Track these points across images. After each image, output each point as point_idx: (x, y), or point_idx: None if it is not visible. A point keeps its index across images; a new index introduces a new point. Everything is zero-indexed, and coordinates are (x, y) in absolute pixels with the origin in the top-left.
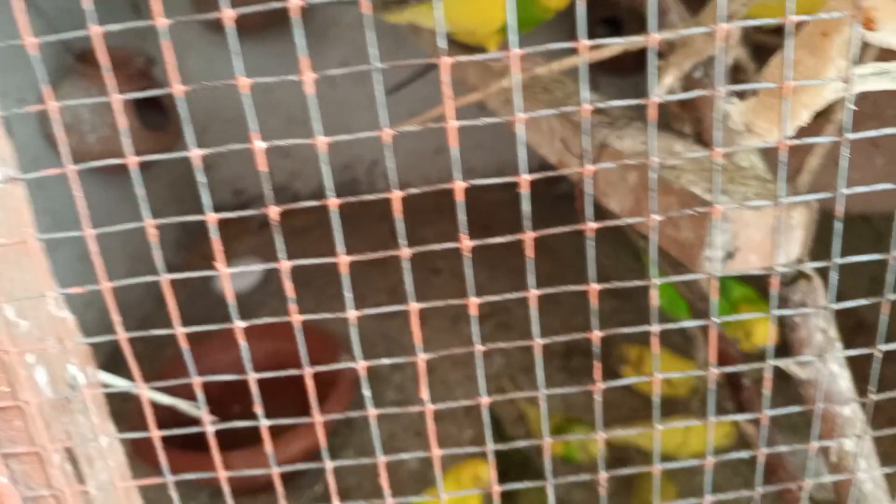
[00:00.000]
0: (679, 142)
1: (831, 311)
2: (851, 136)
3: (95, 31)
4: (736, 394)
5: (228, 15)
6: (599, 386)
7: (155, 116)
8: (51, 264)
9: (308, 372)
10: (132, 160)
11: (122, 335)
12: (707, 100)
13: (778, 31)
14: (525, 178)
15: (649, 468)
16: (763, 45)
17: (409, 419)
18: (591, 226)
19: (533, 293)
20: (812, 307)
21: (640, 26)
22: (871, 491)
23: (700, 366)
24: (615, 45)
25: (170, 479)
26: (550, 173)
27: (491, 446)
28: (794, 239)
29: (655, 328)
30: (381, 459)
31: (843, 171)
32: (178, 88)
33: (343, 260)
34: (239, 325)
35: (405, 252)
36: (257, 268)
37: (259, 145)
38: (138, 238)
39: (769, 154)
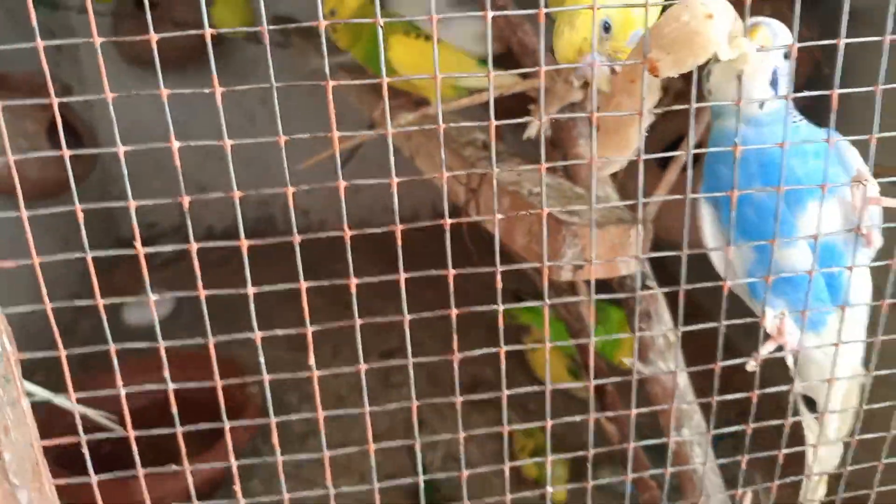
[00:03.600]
0: (548, 175)
1: (671, 316)
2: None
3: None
4: (601, 398)
5: (153, 38)
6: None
7: (68, 143)
8: None
9: (219, 383)
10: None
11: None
12: (569, 140)
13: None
14: (395, 181)
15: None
16: None
17: (316, 448)
18: (448, 222)
19: (402, 276)
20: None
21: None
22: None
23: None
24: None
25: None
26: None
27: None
28: (631, 253)
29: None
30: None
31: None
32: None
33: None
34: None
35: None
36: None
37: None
38: (44, 267)
39: (618, 186)
